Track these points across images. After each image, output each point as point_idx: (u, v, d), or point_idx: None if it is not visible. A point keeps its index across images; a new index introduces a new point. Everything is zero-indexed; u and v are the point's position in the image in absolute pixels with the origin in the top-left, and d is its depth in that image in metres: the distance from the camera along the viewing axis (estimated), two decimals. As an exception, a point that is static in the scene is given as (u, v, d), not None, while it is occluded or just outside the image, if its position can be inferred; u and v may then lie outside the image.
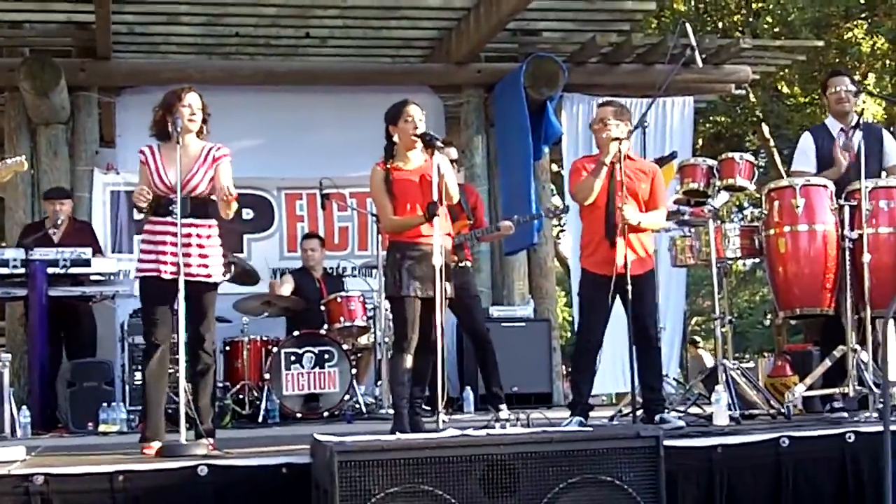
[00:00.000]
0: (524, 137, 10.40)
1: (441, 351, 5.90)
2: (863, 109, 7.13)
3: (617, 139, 6.34)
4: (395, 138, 6.31)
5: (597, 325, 6.52)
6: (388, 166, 6.31)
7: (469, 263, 8.24)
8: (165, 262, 5.75)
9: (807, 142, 7.17)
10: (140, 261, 5.91)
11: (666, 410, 6.48)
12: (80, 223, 9.41)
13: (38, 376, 8.29)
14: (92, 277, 8.45)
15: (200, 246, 5.84)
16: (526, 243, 10.25)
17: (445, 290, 6.03)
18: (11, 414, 7.47)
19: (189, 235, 5.77)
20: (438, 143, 6.09)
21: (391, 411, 8.33)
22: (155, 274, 5.78)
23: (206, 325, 5.91)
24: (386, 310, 8.70)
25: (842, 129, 6.98)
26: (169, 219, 5.76)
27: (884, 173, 6.85)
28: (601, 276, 6.35)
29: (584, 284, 6.69)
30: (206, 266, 5.85)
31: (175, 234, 5.69)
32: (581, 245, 6.75)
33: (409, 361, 6.28)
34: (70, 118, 10.39)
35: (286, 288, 9.60)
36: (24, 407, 7.85)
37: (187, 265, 5.71)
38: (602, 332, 6.54)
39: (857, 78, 7.48)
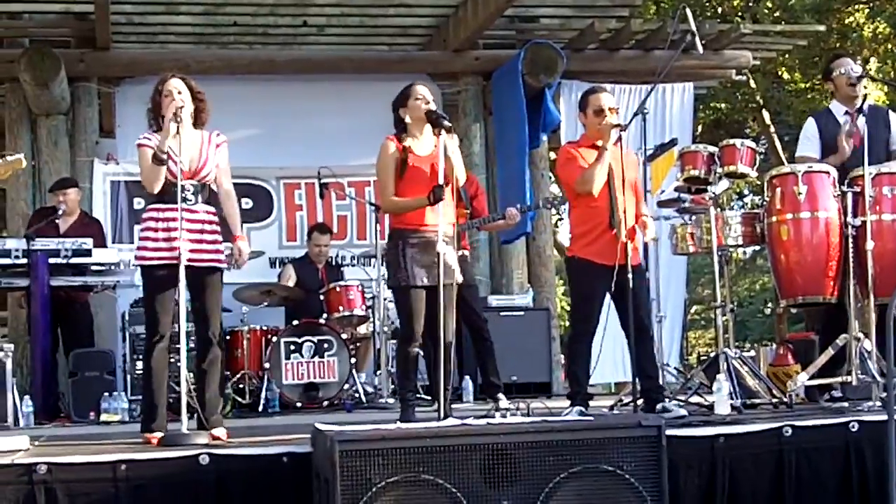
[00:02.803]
0: (520, 126, 10.37)
1: (450, 339, 5.81)
2: (865, 95, 7.04)
3: (618, 126, 6.31)
4: (408, 119, 6.16)
5: (593, 314, 6.43)
6: (405, 146, 6.14)
7: (466, 252, 8.21)
8: (179, 249, 5.67)
9: (811, 128, 7.14)
10: (145, 248, 5.82)
11: (667, 399, 6.46)
12: (91, 219, 9.41)
13: (41, 366, 8.29)
14: (93, 268, 8.46)
15: (213, 232, 5.86)
16: (521, 232, 10.21)
17: (452, 277, 5.92)
18: (14, 403, 7.49)
19: (202, 222, 5.79)
20: (446, 123, 5.90)
21: (391, 400, 8.39)
22: (166, 262, 5.71)
23: (218, 310, 5.92)
24: (385, 299, 8.71)
25: (847, 113, 6.93)
26: (183, 205, 5.71)
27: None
28: (601, 265, 6.28)
29: (581, 273, 6.53)
30: (218, 251, 5.86)
31: (187, 220, 5.71)
32: (576, 234, 6.59)
33: (415, 353, 6.25)
34: (70, 109, 10.39)
35: (289, 280, 9.62)
36: (26, 396, 7.86)
37: (200, 251, 5.74)
38: (597, 320, 6.44)
39: (858, 62, 7.42)
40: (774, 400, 6.58)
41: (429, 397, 7.93)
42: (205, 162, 5.85)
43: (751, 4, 17.22)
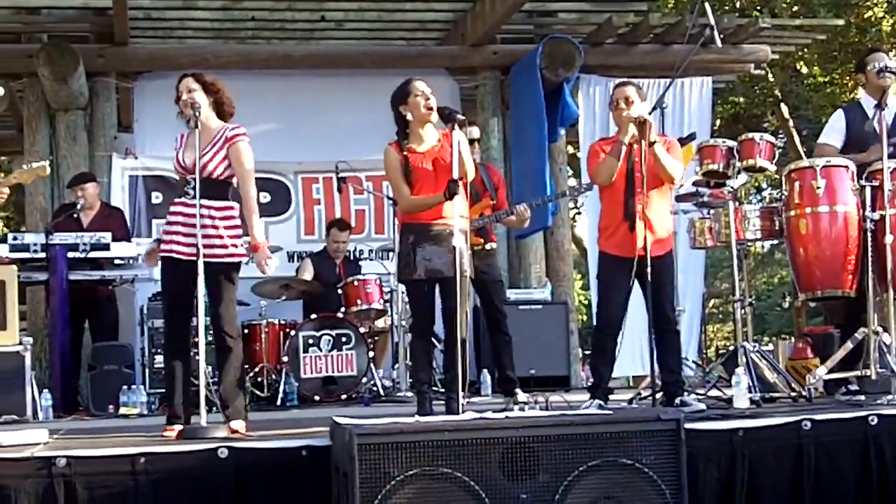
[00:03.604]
0: (539, 120, 10.34)
1: (464, 333, 5.79)
2: (885, 88, 6.99)
3: (635, 119, 6.29)
4: (409, 117, 6.12)
5: (617, 308, 6.41)
6: (405, 151, 6.13)
7: (494, 245, 8.13)
8: (179, 244, 5.78)
9: (838, 119, 7.12)
10: (161, 242, 5.93)
11: (686, 393, 6.45)
12: (112, 209, 9.44)
13: (59, 359, 8.33)
14: (112, 262, 8.49)
15: (215, 227, 5.79)
16: (539, 226, 10.13)
17: (465, 271, 5.86)
18: (33, 397, 7.53)
19: (203, 217, 5.74)
20: (459, 117, 5.86)
21: (409, 394, 8.39)
22: (169, 255, 5.80)
23: (225, 306, 5.88)
24: (403, 293, 8.71)
25: (876, 106, 6.88)
26: (184, 200, 5.80)
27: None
28: (621, 258, 6.27)
29: (604, 267, 6.56)
30: (224, 247, 5.82)
31: (188, 216, 5.76)
32: (600, 227, 6.61)
33: (427, 345, 6.25)
34: (88, 104, 10.43)
35: (307, 274, 9.62)
36: (45, 390, 7.90)
37: (191, 245, 5.72)
38: (622, 314, 6.42)
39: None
40: (793, 394, 6.57)
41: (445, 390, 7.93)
42: (205, 158, 5.82)
43: (769, -1, 17.15)
